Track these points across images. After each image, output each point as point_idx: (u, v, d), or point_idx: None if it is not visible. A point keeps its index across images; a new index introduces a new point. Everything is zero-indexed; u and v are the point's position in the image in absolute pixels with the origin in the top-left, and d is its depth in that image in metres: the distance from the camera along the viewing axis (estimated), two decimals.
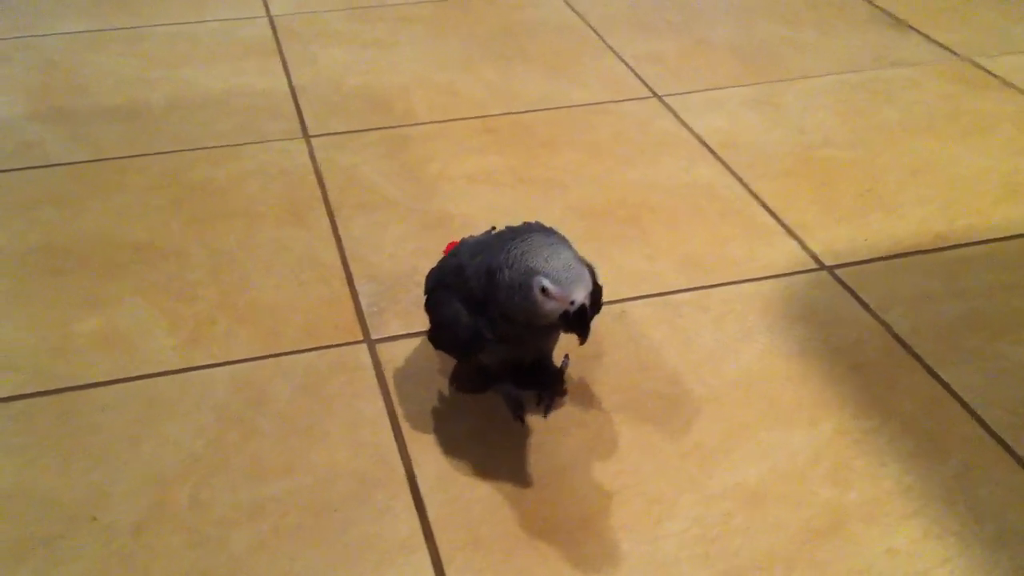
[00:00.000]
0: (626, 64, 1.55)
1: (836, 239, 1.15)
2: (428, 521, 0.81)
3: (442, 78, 1.50)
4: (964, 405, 0.92)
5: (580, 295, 0.76)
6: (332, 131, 1.35)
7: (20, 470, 0.85)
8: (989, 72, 1.53)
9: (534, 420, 0.91)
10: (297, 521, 0.81)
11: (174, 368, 0.96)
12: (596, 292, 0.82)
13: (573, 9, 1.73)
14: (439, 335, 0.87)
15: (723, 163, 1.29)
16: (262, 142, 1.33)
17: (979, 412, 0.91)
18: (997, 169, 1.29)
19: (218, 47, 1.59)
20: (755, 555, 0.79)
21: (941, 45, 1.62)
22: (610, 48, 1.60)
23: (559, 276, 0.76)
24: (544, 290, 0.76)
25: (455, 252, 0.89)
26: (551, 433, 0.89)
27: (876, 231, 1.16)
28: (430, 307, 0.88)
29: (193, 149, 1.31)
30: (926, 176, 1.27)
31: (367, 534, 0.80)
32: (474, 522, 0.81)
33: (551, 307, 0.77)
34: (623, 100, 1.45)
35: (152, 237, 1.14)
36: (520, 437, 0.89)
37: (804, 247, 1.13)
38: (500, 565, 0.78)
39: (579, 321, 0.77)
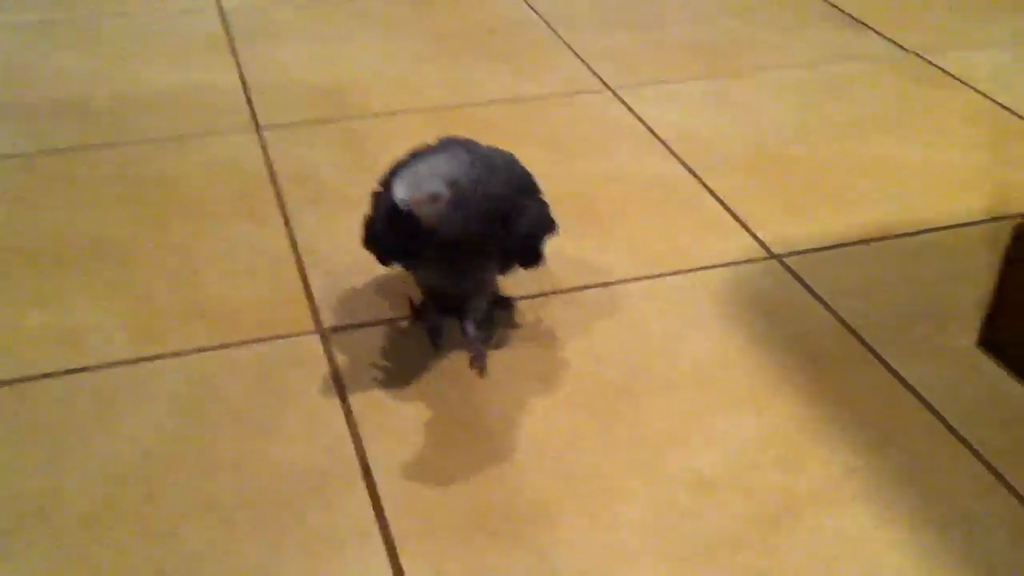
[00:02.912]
0: (581, 59, 1.56)
1: (786, 230, 1.16)
2: (382, 510, 0.81)
3: (396, 71, 1.50)
4: (914, 392, 0.94)
5: (399, 192, 0.79)
6: (283, 123, 1.35)
7: None
8: (940, 68, 1.55)
9: (486, 406, 0.91)
10: (250, 514, 0.80)
11: (126, 359, 0.94)
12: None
13: (531, 7, 1.73)
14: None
15: (675, 155, 1.30)
16: (213, 135, 1.32)
17: (929, 399, 0.93)
18: (946, 162, 1.31)
19: (168, 40, 1.57)
20: (707, 540, 0.79)
21: (893, 42, 1.64)
22: (566, 44, 1.61)
23: (396, 179, 0.80)
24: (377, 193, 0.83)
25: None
26: (504, 423, 0.89)
27: (827, 222, 1.18)
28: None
29: (143, 142, 1.30)
30: (877, 169, 1.29)
31: (321, 525, 0.80)
32: (428, 510, 0.81)
33: (383, 206, 0.83)
34: (577, 93, 1.45)
35: (102, 231, 1.12)
36: (474, 427, 0.89)
37: (754, 237, 1.14)
38: (454, 552, 0.78)
39: (395, 221, 0.80)
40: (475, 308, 0.95)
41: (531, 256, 0.92)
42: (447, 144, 0.90)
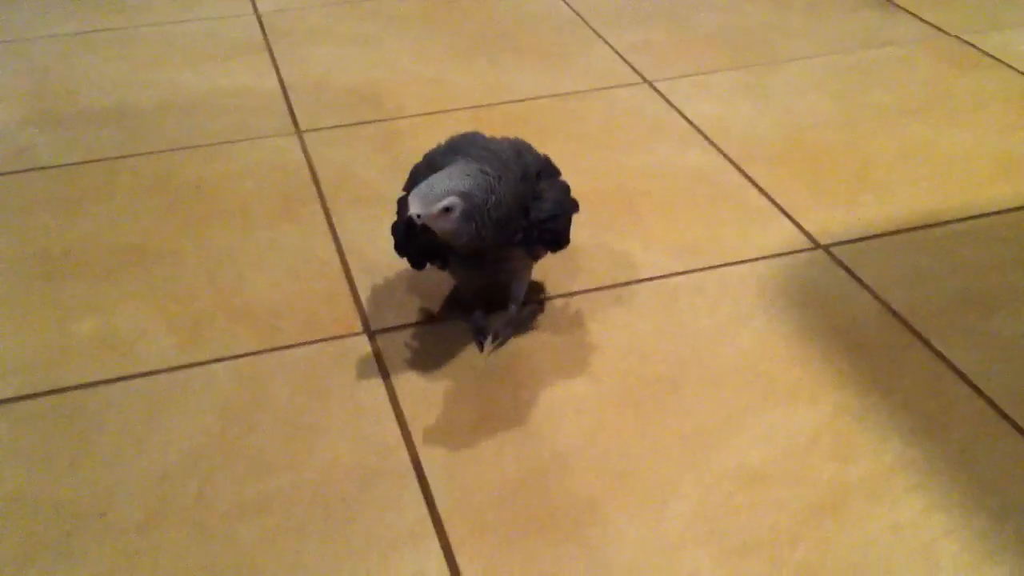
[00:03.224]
0: (616, 52, 1.55)
1: (830, 219, 1.15)
2: (436, 510, 0.81)
3: (431, 72, 1.50)
4: (964, 379, 0.93)
5: (413, 207, 0.84)
6: (324, 126, 1.35)
7: (26, 472, 0.85)
8: (979, 49, 1.53)
9: (533, 404, 0.91)
10: (303, 514, 0.81)
11: (174, 365, 0.96)
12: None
13: (562, 0, 1.74)
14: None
15: (715, 147, 1.30)
16: (254, 139, 1.33)
17: (980, 386, 0.92)
18: (988, 146, 1.29)
19: (206, 46, 1.59)
20: (759, 534, 0.79)
21: (930, 24, 1.62)
22: (600, 37, 1.61)
23: (410, 194, 0.85)
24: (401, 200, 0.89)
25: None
26: (553, 420, 0.90)
27: (870, 210, 1.17)
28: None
29: (184, 148, 1.31)
30: (918, 155, 1.27)
31: (374, 525, 0.80)
32: (481, 509, 0.81)
33: (402, 219, 0.88)
34: (613, 87, 1.45)
35: (146, 238, 1.14)
36: (523, 425, 0.89)
37: (799, 227, 1.14)
38: (509, 550, 0.78)
39: (412, 232, 0.85)
40: (517, 293, 0.98)
41: (554, 239, 0.93)
42: (458, 145, 0.93)
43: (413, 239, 0.89)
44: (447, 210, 0.84)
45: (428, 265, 0.94)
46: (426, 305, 1.03)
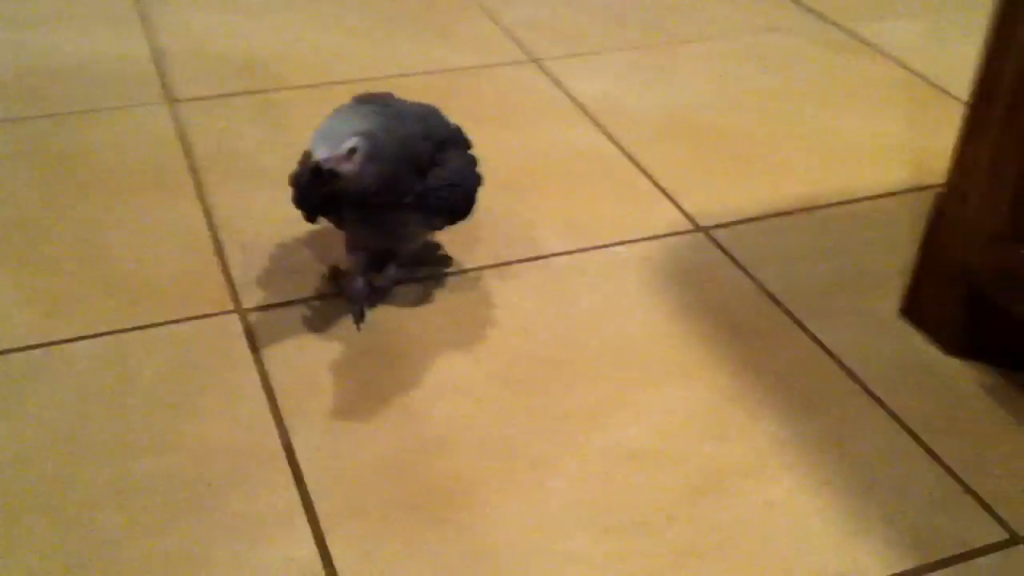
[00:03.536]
0: (503, 28, 1.54)
1: (711, 202, 1.16)
2: (307, 492, 0.79)
3: (317, 43, 1.46)
4: (837, 360, 0.94)
5: (318, 151, 0.81)
6: (198, 96, 1.31)
7: None
8: (859, 38, 1.56)
9: (412, 383, 0.89)
10: (168, 499, 0.78)
11: (31, 344, 0.91)
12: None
13: None
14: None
15: (601, 127, 1.29)
16: (122, 107, 1.27)
17: (851, 367, 0.94)
18: (864, 131, 1.32)
19: (76, 9, 1.51)
20: (637, 512, 0.79)
21: (814, 12, 1.65)
22: (486, 12, 1.59)
23: (313, 138, 0.82)
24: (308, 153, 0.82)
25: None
26: (431, 399, 0.88)
27: (750, 193, 1.18)
28: None
29: (51, 115, 1.25)
30: (800, 140, 1.29)
31: (244, 509, 0.77)
32: (355, 491, 0.79)
33: (302, 166, 0.83)
34: (501, 64, 1.44)
35: (8, 208, 1.08)
36: (400, 404, 0.87)
37: (680, 210, 1.14)
38: (382, 532, 0.76)
39: (318, 180, 0.82)
40: (402, 254, 0.98)
41: (450, 209, 0.92)
42: (364, 100, 0.92)
43: (316, 188, 0.84)
44: (352, 151, 0.82)
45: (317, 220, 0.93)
46: (301, 282, 1.00)
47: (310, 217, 0.92)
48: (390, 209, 0.90)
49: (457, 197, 0.92)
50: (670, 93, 1.38)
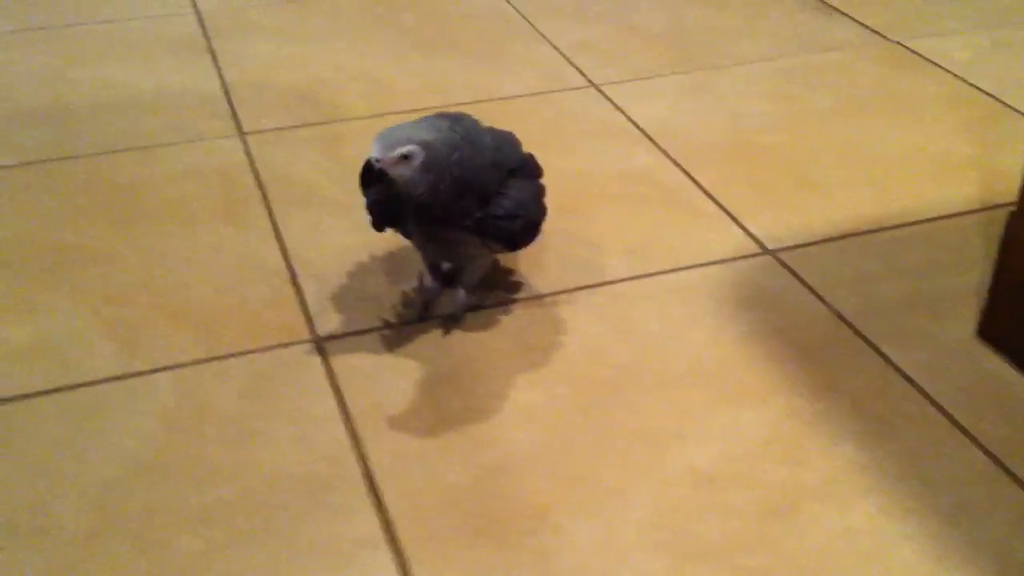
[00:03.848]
0: (560, 53, 1.55)
1: (777, 224, 1.15)
2: (388, 518, 0.80)
3: (374, 71, 1.48)
4: (911, 382, 0.94)
5: (374, 151, 0.84)
6: (266, 128, 1.33)
7: None
8: (916, 53, 1.55)
9: (484, 409, 0.90)
10: (248, 525, 0.79)
11: (113, 375, 0.93)
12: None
13: None
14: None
15: (663, 151, 1.30)
16: (194, 141, 1.30)
17: (926, 389, 0.93)
18: (928, 149, 1.31)
19: (145, 44, 1.55)
20: (710, 537, 0.79)
21: (868, 28, 1.64)
22: (543, 36, 1.60)
23: (376, 136, 0.85)
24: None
25: None
26: (504, 425, 0.88)
27: (816, 214, 1.17)
28: None
29: (121, 150, 1.27)
30: (859, 158, 1.29)
31: (323, 534, 0.78)
32: (432, 517, 0.80)
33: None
34: (560, 90, 1.44)
35: (80, 240, 1.10)
36: (474, 431, 0.88)
37: (747, 232, 1.14)
38: (462, 558, 0.77)
39: (369, 176, 0.85)
40: (467, 280, 0.99)
41: (508, 237, 0.93)
42: (443, 115, 0.93)
43: (371, 185, 0.89)
44: (405, 157, 0.84)
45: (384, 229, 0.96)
46: (373, 310, 1.01)
47: (377, 224, 0.94)
48: (449, 228, 0.91)
49: (515, 228, 0.93)
50: (730, 114, 1.38)
